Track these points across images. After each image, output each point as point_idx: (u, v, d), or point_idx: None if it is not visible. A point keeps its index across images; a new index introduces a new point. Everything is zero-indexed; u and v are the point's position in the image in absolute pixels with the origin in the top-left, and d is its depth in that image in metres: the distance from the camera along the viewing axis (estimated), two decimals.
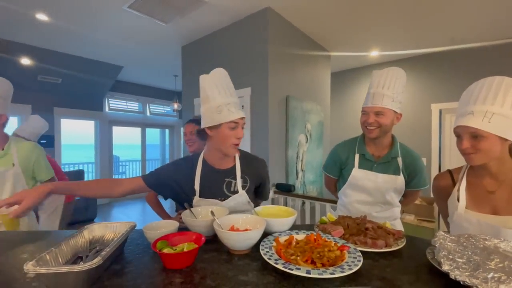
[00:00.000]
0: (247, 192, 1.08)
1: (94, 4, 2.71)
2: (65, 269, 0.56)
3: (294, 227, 0.97)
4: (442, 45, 3.70)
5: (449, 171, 1.01)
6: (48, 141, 4.87)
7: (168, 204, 1.82)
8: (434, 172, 3.91)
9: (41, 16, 2.94)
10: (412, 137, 4.00)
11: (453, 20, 2.99)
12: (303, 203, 2.87)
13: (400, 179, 1.24)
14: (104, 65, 4.64)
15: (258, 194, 1.22)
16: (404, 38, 3.53)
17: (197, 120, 1.72)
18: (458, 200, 0.91)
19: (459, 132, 0.85)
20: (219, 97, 0.97)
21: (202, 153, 1.11)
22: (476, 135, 0.80)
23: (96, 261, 0.58)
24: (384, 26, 3.14)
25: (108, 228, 0.84)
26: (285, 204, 2.79)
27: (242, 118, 1.01)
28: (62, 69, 4.35)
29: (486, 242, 0.77)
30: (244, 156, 1.15)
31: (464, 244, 0.76)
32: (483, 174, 0.89)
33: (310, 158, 3.46)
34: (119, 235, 0.77)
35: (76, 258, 0.72)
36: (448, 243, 0.76)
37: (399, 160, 1.25)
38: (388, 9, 2.74)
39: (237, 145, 1.03)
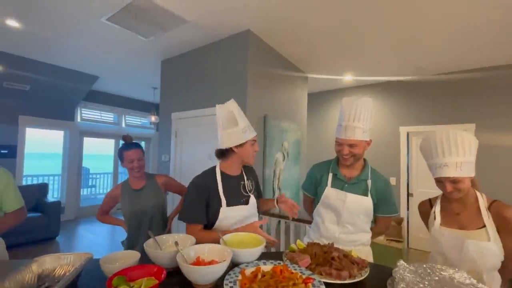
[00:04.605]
0: (254, 194, 1.32)
1: (71, 15, 2.63)
2: None
3: (263, 256, 0.96)
4: (409, 73, 4.00)
5: (429, 199, 1.30)
6: (10, 151, 4.51)
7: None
8: (403, 189, 4.10)
9: (12, 23, 2.81)
10: (383, 157, 4.20)
11: (419, 53, 3.27)
12: (279, 222, 2.85)
13: (367, 200, 1.30)
14: (78, 74, 4.44)
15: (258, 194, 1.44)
16: (376, 66, 3.78)
17: (137, 144, 1.69)
18: (434, 218, 1.19)
19: (441, 180, 1.10)
20: (243, 121, 1.22)
21: (218, 166, 1.30)
22: (455, 181, 1.06)
23: None
24: (357, 53, 3.34)
25: (61, 260, 0.77)
26: None
27: (255, 136, 1.29)
28: (31, 75, 4.13)
29: (442, 273, 0.81)
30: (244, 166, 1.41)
31: (422, 275, 0.79)
32: (452, 200, 1.15)
33: (286, 176, 3.49)
34: (72, 268, 0.71)
35: None
36: (407, 274, 0.79)
37: (369, 182, 1.32)
38: (361, 39, 2.93)
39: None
